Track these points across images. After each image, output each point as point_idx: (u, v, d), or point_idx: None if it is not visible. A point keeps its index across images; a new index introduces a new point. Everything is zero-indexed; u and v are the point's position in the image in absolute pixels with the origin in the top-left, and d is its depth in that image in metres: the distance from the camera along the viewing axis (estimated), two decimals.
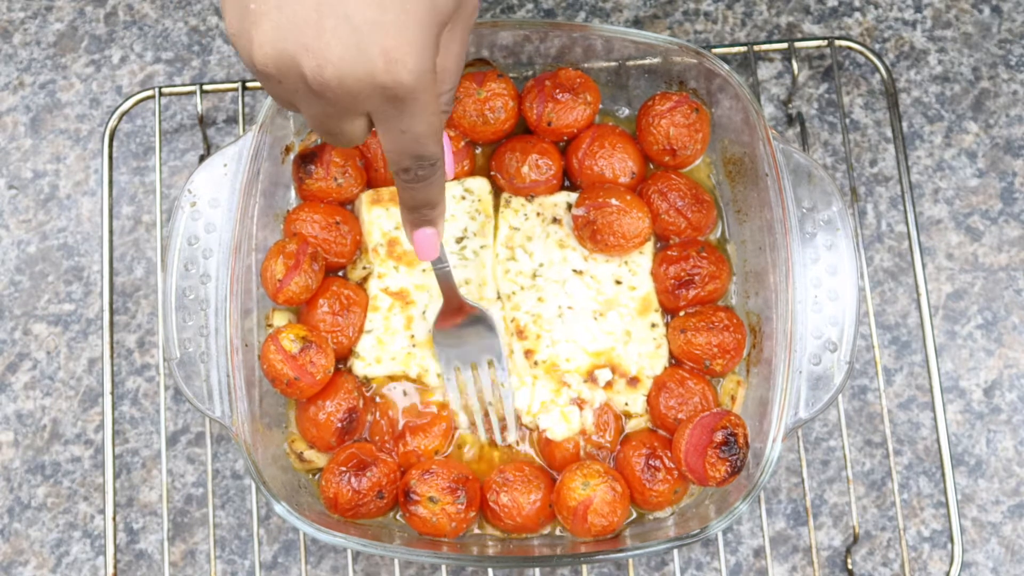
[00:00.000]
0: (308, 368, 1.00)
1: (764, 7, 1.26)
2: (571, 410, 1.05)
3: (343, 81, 0.69)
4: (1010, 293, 1.18)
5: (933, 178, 1.21)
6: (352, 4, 0.67)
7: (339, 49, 0.68)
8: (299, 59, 0.69)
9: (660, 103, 1.10)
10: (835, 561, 1.12)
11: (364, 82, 0.69)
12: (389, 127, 0.73)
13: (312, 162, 1.08)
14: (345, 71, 0.68)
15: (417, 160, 0.77)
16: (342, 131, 0.75)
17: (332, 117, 0.73)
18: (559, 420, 1.05)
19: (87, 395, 1.17)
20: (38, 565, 1.13)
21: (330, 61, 0.68)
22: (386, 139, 0.75)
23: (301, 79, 0.70)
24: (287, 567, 1.12)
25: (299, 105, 0.74)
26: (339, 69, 0.68)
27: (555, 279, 1.09)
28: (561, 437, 1.04)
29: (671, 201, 1.09)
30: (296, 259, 1.04)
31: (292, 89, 0.71)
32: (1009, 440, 1.15)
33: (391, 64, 0.68)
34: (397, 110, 0.71)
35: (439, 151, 0.77)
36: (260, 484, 0.97)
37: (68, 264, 1.20)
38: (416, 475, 1.01)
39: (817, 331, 1.00)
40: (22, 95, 1.26)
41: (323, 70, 0.68)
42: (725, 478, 0.98)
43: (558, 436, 1.04)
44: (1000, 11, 1.25)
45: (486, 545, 1.02)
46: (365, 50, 0.68)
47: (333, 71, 0.68)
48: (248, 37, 0.70)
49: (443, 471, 1.01)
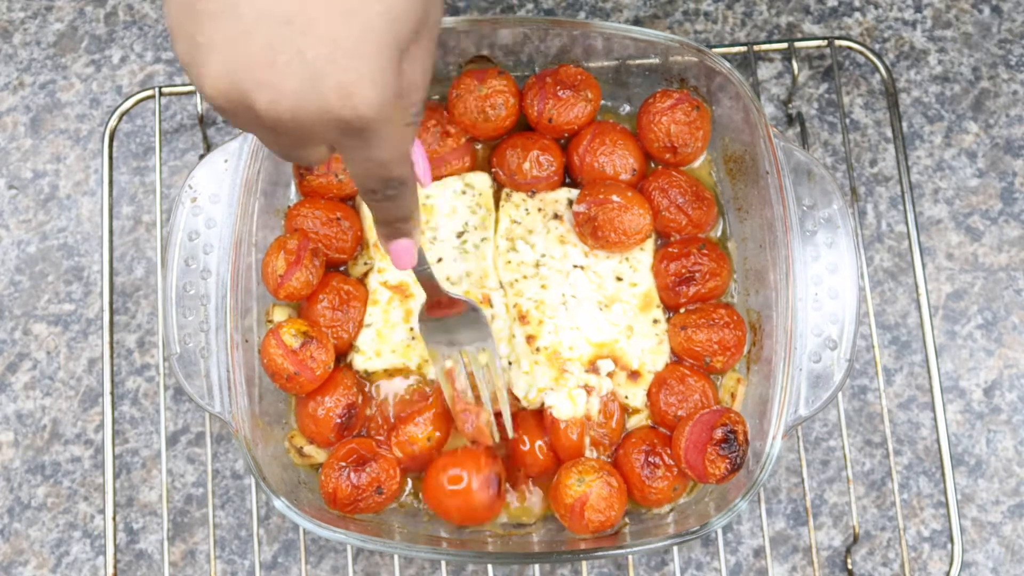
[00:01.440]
0: (308, 363, 1.00)
1: (764, 7, 1.26)
2: (579, 393, 1.04)
3: (297, 116, 0.66)
4: (1010, 293, 1.18)
5: (933, 178, 1.21)
6: (304, 39, 0.64)
7: (293, 85, 0.65)
8: (251, 95, 0.66)
9: (661, 100, 1.10)
10: (835, 561, 1.12)
11: (319, 116, 0.66)
12: (351, 156, 0.71)
13: None
14: (300, 107, 0.66)
15: (384, 183, 0.75)
16: (300, 157, 0.73)
17: (287, 146, 0.71)
18: (565, 399, 1.04)
19: (87, 395, 1.17)
20: (38, 565, 1.13)
21: (284, 97, 0.65)
22: (350, 166, 0.73)
23: (253, 113, 0.67)
24: (287, 567, 1.12)
25: (255, 133, 0.71)
26: (294, 104, 0.66)
27: (558, 269, 1.09)
28: (566, 416, 1.04)
29: (672, 198, 1.09)
30: (297, 255, 1.04)
31: (245, 121, 0.69)
32: (1009, 440, 1.15)
33: (347, 99, 0.65)
34: (359, 140, 0.69)
35: (406, 171, 0.75)
36: (259, 479, 0.97)
37: (68, 264, 1.20)
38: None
39: (817, 329, 1.00)
40: (22, 95, 1.26)
41: (277, 106, 0.66)
42: (725, 475, 0.98)
43: (563, 415, 1.04)
44: (1000, 11, 1.25)
45: (486, 542, 1.02)
46: (319, 86, 0.65)
47: (287, 107, 0.66)
48: (198, 70, 0.67)
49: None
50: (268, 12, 0.64)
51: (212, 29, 0.65)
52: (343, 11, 0.65)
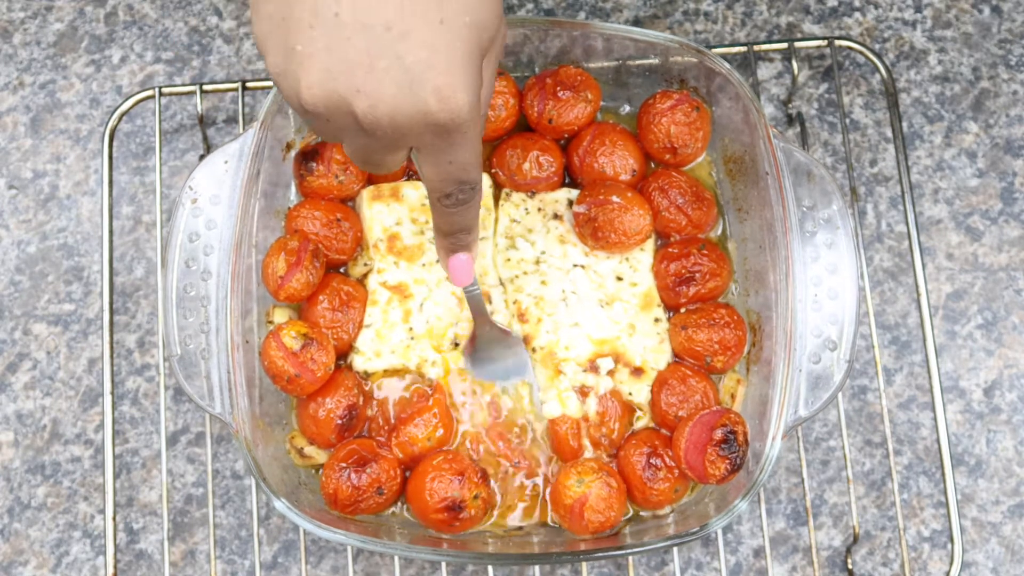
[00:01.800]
0: (309, 365, 1.00)
1: (764, 7, 1.26)
2: (569, 395, 1.05)
3: (395, 119, 0.69)
4: (1010, 293, 1.18)
5: (933, 178, 1.21)
6: (403, 45, 0.68)
7: (392, 89, 0.68)
8: (351, 100, 0.69)
9: (661, 101, 1.10)
10: (835, 561, 1.12)
11: (416, 120, 0.69)
12: (437, 159, 0.75)
13: (313, 159, 1.08)
14: (398, 110, 0.69)
15: (460, 185, 0.78)
16: (383, 162, 0.77)
17: (377, 151, 0.74)
18: (554, 399, 1.05)
19: (87, 395, 1.17)
20: (38, 565, 1.13)
21: (383, 101, 0.69)
22: (431, 170, 0.76)
23: (351, 118, 0.70)
24: (287, 567, 1.12)
25: (344, 139, 0.75)
26: (392, 108, 0.69)
27: (558, 267, 1.09)
28: (555, 416, 1.05)
29: (672, 199, 1.09)
30: (298, 256, 1.04)
31: (340, 127, 0.72)
32: (1009, 440, 1.15)
33: (444, 102, 0.69)
34: (447, 142, 0.72)
35: (480, 174, 0.79)
36: (260, 480, 0.97)
37: (68, 264, 1.20)
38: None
39: (817, 329, 1.00)
40: (22, 95, 1.26)
41: (375, 110, 0.69)
42: (725, 476, 0.98)
43: (552, 414, 1.05)
44: (1000, 11, 1.25)
45: (486, 543, 1.02)
46: (418, 90, 0.68)
47: (386, 110, 0.69)
48: (295, 78, 0.70)
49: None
50: (367, 20, 0.67)
51: (310, 37, 0.68)
52: (438, 20, 0.68)
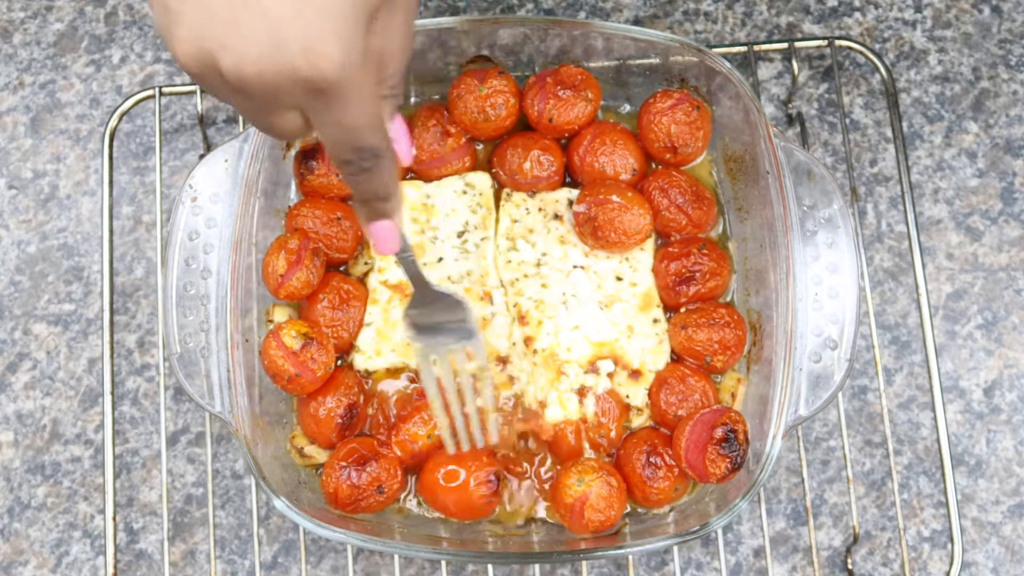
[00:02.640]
0: (309, 364, 1.00)
1: (764, 7, 1.26)
2: (569, 397, 1.05)
3: (262, 76, 0.66)
4: (1010, 293, 1.18)
5: (933, 178, 1.21)
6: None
7: (256, 45, 0.65)
8: (217, 56, 0.66)
9: (661, 100, 1.10)
10: (835, 561, 1.12)
11: (284, 76, 0.66)
12: (321, 120, 0.71)
13: (313, 158, 1.09)
14: (264, 67, 0.66)
15: (357, 152, 0.74)
16: (273, 125, 0.73)
17: (260, 112, 0.71)
18: (554, 403, 1.05)
19: (87, 395, 1.17)
20: (38, 565, 1.13)
21: (247, 57, 0.66)
22: (321, 132, 0.73)
23: (221, 76, 0.67)
24: (287, 567, 1.12)
25: (227, 100, 0.72)
26: (257, 65, 0.66)
27: (558, 268, 1.09)
28: (557, 420, 1.05)
29: (672, 198, 1.09)
30: (298, 254, 1.04)
31: (215, 86, 0.69)
32: (1009, 440, 1.15)
33: (311, 56, 0.65)
34: (325, 103, 0.69)
35: (381, 141, 0.74)
36: (259, 479, 0.97)
37: (68, 264, 1.20)
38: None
39: (817, 329, 1.00)
40: (22, 95, 1.26)
41: (241, 67, 0.66)
42: (725, 475, 0.98)
43: (554, 419, 1.05)
44: (1000, 11, 1.25)
45: (486, 542, 1.02)
46: (283, 44, 0.65)
47: (251, 67, 0.66)
48: (170, 34, 0.68)
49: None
50: None
51: None
52: None
